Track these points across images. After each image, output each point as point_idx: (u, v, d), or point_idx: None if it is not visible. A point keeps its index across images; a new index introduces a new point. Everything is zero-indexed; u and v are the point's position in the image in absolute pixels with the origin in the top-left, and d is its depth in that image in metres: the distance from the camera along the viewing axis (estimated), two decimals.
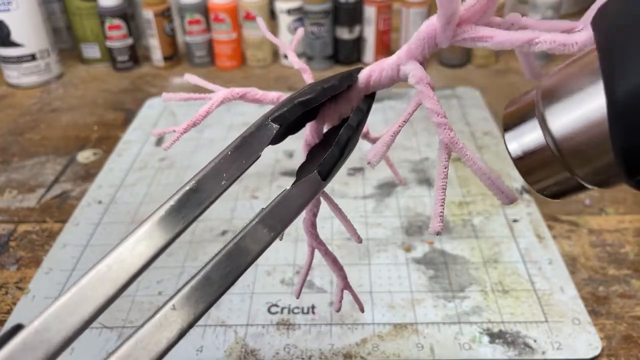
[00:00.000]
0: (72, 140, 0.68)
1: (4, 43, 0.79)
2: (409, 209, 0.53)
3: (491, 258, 0.47)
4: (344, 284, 0.33)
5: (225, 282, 0.23)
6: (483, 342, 0.39)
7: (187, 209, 0.23)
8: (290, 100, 0.26)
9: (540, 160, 0.22)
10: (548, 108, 0.21)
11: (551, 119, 0.21)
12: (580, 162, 0.21)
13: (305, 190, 0.25)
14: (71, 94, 0.81)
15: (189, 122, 0.29)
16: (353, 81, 0.27)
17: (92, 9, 0.85)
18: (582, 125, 0.20)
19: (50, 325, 0.20)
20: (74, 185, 0.59)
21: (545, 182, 0.23)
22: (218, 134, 0.67)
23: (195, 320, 0.21)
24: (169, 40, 0.86)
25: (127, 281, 0.21)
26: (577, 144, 0.20)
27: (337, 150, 0.25)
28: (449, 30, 0.23)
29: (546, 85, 0.22)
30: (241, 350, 0.39)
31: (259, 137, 0.25)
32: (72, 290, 0.21)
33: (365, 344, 0.39)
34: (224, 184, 0.24)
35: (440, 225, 0.24)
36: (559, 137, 0.21)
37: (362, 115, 0.27)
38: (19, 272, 0.47)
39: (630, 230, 0.50)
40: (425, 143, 0.63)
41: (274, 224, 0.23)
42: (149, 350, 0.20)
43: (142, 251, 0.22)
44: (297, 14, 0.83)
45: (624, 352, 0.39)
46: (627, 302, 0.42)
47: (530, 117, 0.22)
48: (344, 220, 0.32)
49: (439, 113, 0.24)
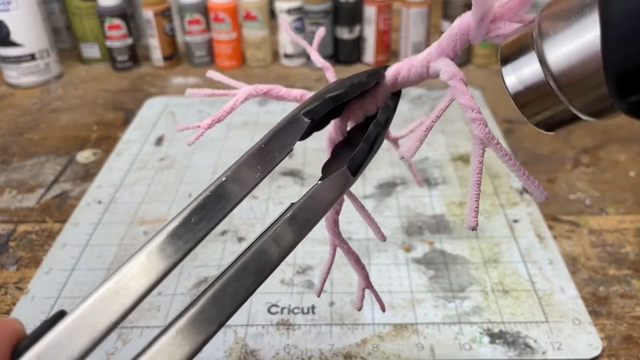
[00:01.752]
0: (72, 140, 0.68)
1: (3, 43, 0.79)
2: (409, 209, 0.53)
3: (491, 258, 0.46)
4: (365, 283, 0.33)
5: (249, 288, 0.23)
6: (483, 343, 0.39)
7: (224, 201, 0.23)
8: (320, 96, 0.26)
9: (538, 93, 0.22)
10: (546, 40, 0.21)
11: (549, 51, 0.21)
12: (578, 93, 0.21)
13: (334, 186, 0.25)
14: (71, 94, 0.81)
15: (214, 117, 0.29)
16: (380, 78, 0.27)
17: (91, 9, 0.85)
18: (579, 56, 0.20)
19: (95, 312, 0.20)
20: (73, 185, 0.59)
21: (542, 115, 0.23)
22: (218, 134, 0.67)
23: (199, 348, 0.21)
24: (168, 40, 0.86)
25: (169, 268, 0.21)
26: (574, 75, 0.20)
27: (367, 146, 0.25)
28: (483, 26, 0.23)
29: (544, 15, 0.22)
30: (241, 350, 0.39)
31: (291, 130, 0.25)
32: (114, 277, 0.21)
33: (365, 344, 0.39)
34: (258, 176, 0.24)
35: (476, 220, 0.24)
36: (556, 69, 0.21)
37: (390, 112, 0.27)
38: (18, 272, 0.47)
39: (631, 231, 0.49)
40: (426, 143, 0.63)
41: (306, 219, 0.24)
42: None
43: (181, 245, 0.22)
44: (297, 14, 0.83)
45: (624, 352, 0.39)
46: (627, 302, 0.42)
47: (528, 49, 0.22)
48: (367, 218, 0.32)
49: (474, 108, 0.24)
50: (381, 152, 0.63)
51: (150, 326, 0.41)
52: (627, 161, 0.60)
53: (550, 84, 0.21)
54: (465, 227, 0.24)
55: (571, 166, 0.59)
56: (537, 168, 0.59)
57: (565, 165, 0.59)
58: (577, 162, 0.60)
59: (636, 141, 0.63)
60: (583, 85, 0.20)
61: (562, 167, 0.59)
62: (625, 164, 0.59)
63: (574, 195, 0.54)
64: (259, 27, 0.84)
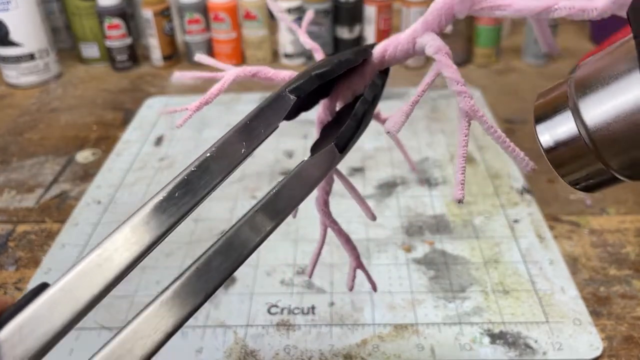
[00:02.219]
0: (71, 140, 0.68)
1: (2, 43, 0.79)
2: (409, 209, 0.53)
3: (492, 258, 0.46)
4: (357, 263, 0.33)
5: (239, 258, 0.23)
6: (484, 343, 0.39)
7: (208, 176, 0.23)
8: (306, 73, 0.25)
9: (573, 151, 0.22)
10: (582, 98, 0.21)
11: (585, 109, 0.21)
12: (614, 153, 0.21)
13: (322, 163, 0.25)
14: (70, 94, 0.81)
15: (202, 100, 0.29)
16: (368, 56, 0.26)
17: (91, 9, 0.85)
18: (616, 115, 0.20)
19: (77, 284, 0.20)
20: (73, 185, 0.59)
21: (578, 174, 0.23)
22: (217, 133, 0.66)
23: (184, 319, 0.21)
24: (168, 39, 0.86)
25: (153, 241, 0.21)
26: (611, 134, 0.20)
27: (354, 123, 0.25)
28: (467, 0, 0.23)
29: (580, 75, 0.22)
30: (241, 351, 0.39)
31: (277, 107, 0.25)
32: (96, 250, 0.21)
33: (365, 345, 0.39)
34: (243, 152, 0.23)
35: (462, 193, 0.24)
36: (592, 127, 0.21)
37: (377, 90, 0.26)
38: (17, 273, 0.47)
39: (632, 231, 0.49)
40: (426, 143, 0.63)
41: (293, 195, 0.24)
42: (142, 344, 0.20)
43: (165, 219, 0.22)
44: (297, 14, 0.83)
45: (625, 352, 0.38)
46: (628, 302, 0.42)
47: (563, 108, 0.22)
48: (357, 198, 0.31)
49: (459, 81, 0.24)
50: (381, 152, 0.63)
51: None
52: None
53: (585, 142, 0.21)
54: (454, 199, 0.24)
55: None
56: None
57: None
58: None
59: None
60: (619, 144, 0.20)
61: None
62: None
63: (575, 196, 0.54)
64: (259, 27, 0.84)
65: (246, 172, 0.59)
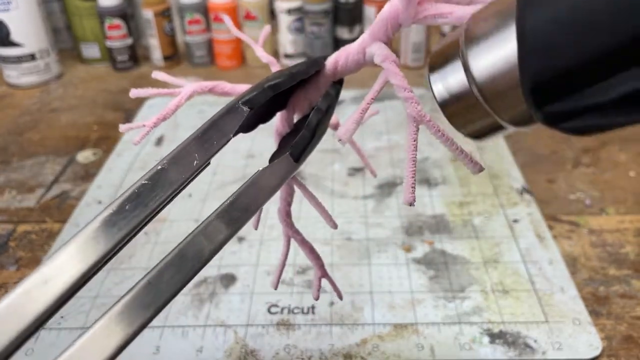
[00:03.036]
0: (72, 140, 0.68)
1: (3, 43, 0.79)
2: (409, 209, 0.53)
3: (491, 258, 0.46)
4: (321, 272, 0.33)
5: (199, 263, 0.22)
6: (483, 343, 0.39)
7: (160, 188, 0.23)
8: (259, 85, 0.26)
9: (465, 103, 0.22)
10: (470, 50, 0.21)
11: (473, 61, 0.20)
12: (503, 104, 0.20)
13: (277, 171, 0.25)
14: (71, 94, 0.81)
15: (159, 116, 0.29)
16: (320, 67, 0.27)
17: (91, 9, 0.85)
18: (501, 66, 0.20)
19: (18, 304, 0.19)
20: (73, 185, 0.59)
21: (471, 126, 0.23)
22: None
23: (134, 334, 0.20)
24: (168, 40, 0.86)
25: (103, 255, 0.21)
26: (497, 86, 0.20)
27: (308, 132, 0.26)
28: (411, 8, 0.24)
29: (469, 24, 0.21)
30: (241, 350, 0.39)
31: (229, 120, 0.25)
32: (40, 269, 0.20)
33: (365, 345, 0.39)
34: (196, 164, 0.24)
35: (412, 196, 0.24)
36: (480, 80, 0.20)
37: (331, 100, 0.27)
38: (18, 272, 0.47)
39: (631, 231, 0.49)
40: (426, 142, 0.63)
41: (247, 204, 0.24)
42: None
43: (115, 232, 0.21)
44: (297, 14, 0.83)
45: (624, 352, 0.39)
46: (627, 302, 0.42)
47: (454, 58, 0.22)
48: (317, 206, 0.32)
49: (405, 88, 0.25)
50: (381, 152, 0.63)
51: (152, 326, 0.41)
52: (627, 161, 0.60)
53: (475, 94, 0.21)
54: (403, 202, 0.24)
55: (571, 166, 0.59)
56: (537, 168, 0.59)
57: (565, 165, 0.59)
58: (577, 162, 0.60)
59: (636, 141, 0.63)
60: (506, 96, 0.20)
61: (562, 167, 0.59)
62: (626, 164, 0.59)
63: (574, 195, 0.54)
64: (259, 27, 0.84)
65: (246, 172, 0.59)
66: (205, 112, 0.72)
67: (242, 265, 0.47)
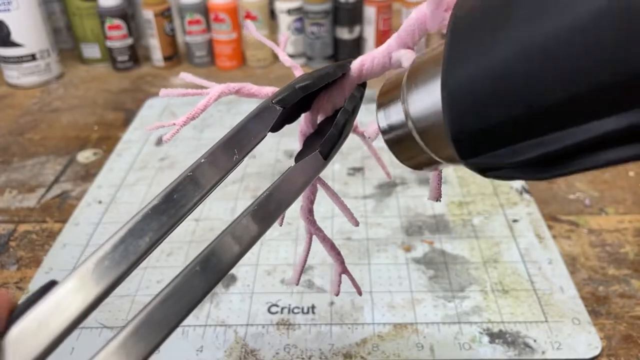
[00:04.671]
0: (72, 140, 0.68)
1: (4, 43, 0.79)
2: (409, 209, 0.53)
3: (491, 258, 0.47)
4: (342, 269, 0.34)
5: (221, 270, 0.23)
6: (483, 342, 0.39)
7: (205, 179, 0.24)
8: (290, 87, 0.27)
9: (405, 141, 0.23)
10: (410, 93, 0.22)
11: (412, 104, 0.22)
12: (437, 145, 0.22)
13: (307, 168, 0.26)
14: (71, 94, 0.81)
15: (188, 115, 0.30)
16: (346, 70, 0.28)
17: (92, 9, 0.85)
18: (433, 113, 0.21)
19: (85, 284, 0.20)
20: (74, 185, 0.59)
21: (412, 160, 0.24)
22: (218, 134, 0.67)
23: (157, 345, 0.21)
24: (169, 40, 0.86)
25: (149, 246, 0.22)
26: (432, 129, 0.21)
27: (336, 131, 0.27)
28: (438, 15, 0.24)
29: (412, 67, 0.23)
30: (241, 350, 0.39)
31: (264, 118, 0.26)
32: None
33: (365, 344, 0.39)
34: (236, 159, 0.25)
35: (439, 192, 0.26)
36: (417, 124, 0.22)
37: (356, 102, 0.28)
38: (19, 272, 0.47)
39: (630, 230, 0.50)
40: None
41: (280, 199, 0.25)
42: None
43: (151, 235, 0.22)
44: (297, 14, 0.83)
45: (623, 352, 0.39)
46: (627, 302, 0.42)
47: (397, 99, 0.23)
48: (340, 204, 0.33)
49: None
50: (381, 152, 0.63)
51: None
52: None
53: (413, 135, 0.22)
54: (428, 199, 0.25)
55: None
56: None
57: None
58: None
59: None
60: (440, 139, 0.21)
61: None
62: (625, 164, 0.59)
63: (574, 195, 0.54)
64: (259, 27, 0.84)
65: (247, 172, 0.59)
66: (205, 112, 0.72)
67: (242, 265, 0.47)
